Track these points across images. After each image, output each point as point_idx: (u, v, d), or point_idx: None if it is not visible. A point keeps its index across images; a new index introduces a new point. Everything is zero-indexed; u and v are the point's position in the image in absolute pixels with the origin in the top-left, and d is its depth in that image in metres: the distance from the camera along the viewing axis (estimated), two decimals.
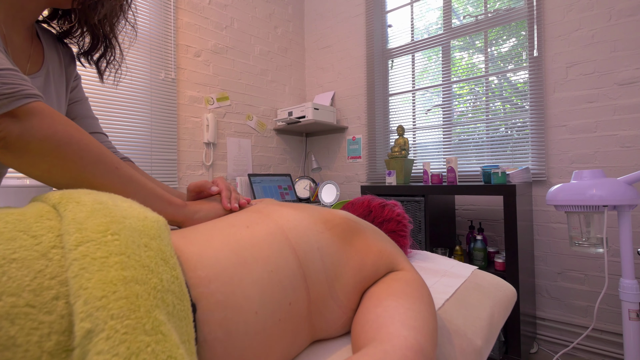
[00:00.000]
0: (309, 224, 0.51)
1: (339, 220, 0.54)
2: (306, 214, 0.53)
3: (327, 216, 0.54)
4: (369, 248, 0.54)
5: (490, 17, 2.11)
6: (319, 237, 0.49)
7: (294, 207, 0.56)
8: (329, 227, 0.52)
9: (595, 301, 1.75)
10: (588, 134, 1.78)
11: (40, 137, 0.41)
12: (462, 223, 2.19)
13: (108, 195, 0.38)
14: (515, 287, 1.54)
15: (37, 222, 0.31)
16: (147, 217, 0.36)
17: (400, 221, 0.82)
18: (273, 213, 0.52)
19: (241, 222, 0.49)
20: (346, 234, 0.53)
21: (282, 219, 0.50)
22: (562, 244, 1.85)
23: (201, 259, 0.40)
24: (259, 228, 0.47)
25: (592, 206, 1.16)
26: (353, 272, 0.50)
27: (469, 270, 0.78)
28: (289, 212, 0.53)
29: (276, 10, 2.83)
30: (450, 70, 2.29)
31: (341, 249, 0.51)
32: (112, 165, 0.47)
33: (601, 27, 1.74)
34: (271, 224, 0.49)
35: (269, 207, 0.55)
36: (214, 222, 0.50)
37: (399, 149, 2.18)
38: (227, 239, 0.44)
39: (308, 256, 0.47)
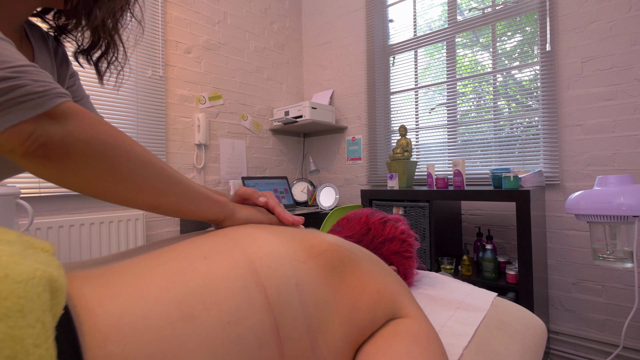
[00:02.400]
0: (286, 251, 0.38)
1: (326, 247, 0.42)
2: (284, 237, 0.41)
3: (311, 241, 0.42)
4: (364, 286, 0.41)
5: (498, 10, 1.98)
6: (298, 269, 0.37)
7: (272, 229, 0.44)
8: (312, 255, 0.40)
9: (614, 315, 1.62)
10: (606, 134, 1.65)
11: (85, 140, 0.36)
12: (468, 229, 2.06)
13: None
14: (530, 301, 1.41)
15: None
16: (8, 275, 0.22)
17: (404, 240, 0.69)
18: (243, 237, 0.40)
19: (198, 251, 0.36)
20: (335, 265, 0.41)
21: (253, 246, 0.38)
22: (577, 253, 1.72)
23: (119, 323, 0.27)
24: (220, 260, 0.35)
25: (620, 216, 1.03)
26: (343, 318, 0.38)
27: (488, 299, 0.65)
28: (263, 236, 0.40)
29: (272, 4, 2.70)
30: (456, 67, 2.16)
31: (327, 286, 0.38)
32: (159, 165, 0.42)
33: (620, 18, 1.60)
34: (237, 253, 0.36)
35: (241, 230, 0.43)
36: (166, 250, 0.37)
37: (401, 150, 2.05)
38: (171, 281, 0.31)
39: (282, 296, 0.34)
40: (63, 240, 1.57)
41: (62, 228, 1.57)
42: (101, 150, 0.37)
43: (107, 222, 1.71)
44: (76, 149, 0.35)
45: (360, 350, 0.37)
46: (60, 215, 1.62)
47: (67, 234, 1.58)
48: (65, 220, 1.58)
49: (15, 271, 0.23)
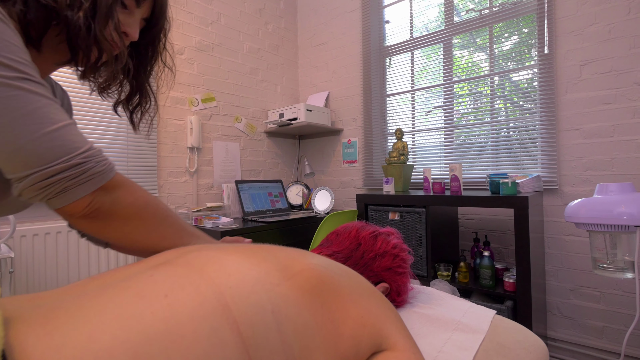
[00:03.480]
0: (257, 274, 0.34)
1: (302, 266, 0.38)
2: (256, 258, 0.37)
3: (286, 261, 0.38)
4: (346, 311, 0.37)
5: (495, 12, 1.95)
6: (273, 293, 0.33)
7: (240, 250, 0.39)
8: (287, 275, 0.36)
9: (612, 322, 1.60)
10: (604, 139, 1.62)
11: (126, 205, 0.47)
12: (465, 233, 2.03)
13: None
14: (528, 310, 1.38)
15: None
16: None
17: (397, 255, 0.66)
18: (208, 265, 0.35)
19: (158, 287, 0.32)
20: (313, 285, 0.37)
21: (221, 275, 0.34)
22: (575, 259, 1.69)
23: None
24: (183, 297, 0.31)
25: (621, 226, 1.00)
26: (326, 346, 0.34)
27: (486, 319, 0.62)
28: (232, 259, 0.36)
29: (267, 5, 2.66)
30: (452, 69, 2.13)
31: (307, 309, 0.34)
32: (174, 218, 0.55)
33: (619, 21, 1.58)
34: (203, 286, 0.32)
35: (204, 254, 0.38)
36: (120, 287, 0.32)
37: (397, 153, 2.02)
38: (126, 328, 0.27)
39: (257, 330, 0.30)
40: (50, 247, 1.52)
41: (49, 235, 1.52)
42: (137, 212, 0.48)
43: None
44: (120, 212, 0.46)
45: None
46: (43, 222, 1.57)
47: (53, 240, 1.53)
48: (50, 228, 1.53)
49: None
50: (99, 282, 0.37)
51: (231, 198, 2.18)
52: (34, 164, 0.38)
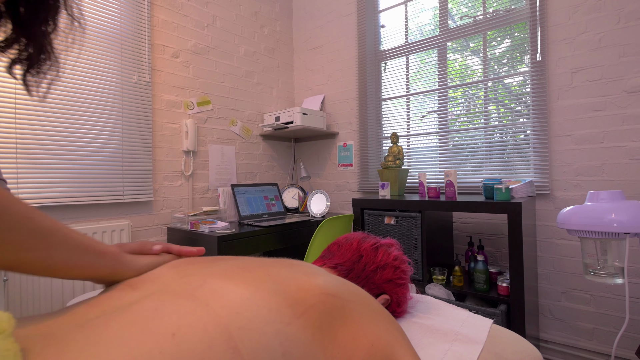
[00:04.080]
0: (268, 312, 0.34)
1: (314, 300, 0.38)
2: (264, 291, 0.36)
3: (296, 295, 0.38)
4: (357, 341, 0.38)
5: (489, 18, 1.98)
6: (284, 335, 0.33)
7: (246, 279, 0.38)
8: (299, 313, 0.36)
9: (602, 324, 1.64)
10: (594, 145, 1.66)
11: None
12: (459, 237, 2.06)
13: None
14: (521, 313, 1.41)
15: None
16: None
17: (397, 266, 0.67)
18: (213, 298, 0.35)
19: (164, 323, 0.32)
20: (324, 320, 0.37)
21: (228, 310, 0.33)
22: (566, 262, 1.73)
23: None
24: (191, 335, 0.31)
25: (612, 233, 1.03)
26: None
27: (484, 329, 0.64)
28: (238, 293, 0.36)
29: (262, 8, 2.66)
30: (447, 74, 2.16)
31: (317, 346, 0.35)
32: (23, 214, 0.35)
33: (609, 30, 1.62)
34: (211, 325, 0.32)
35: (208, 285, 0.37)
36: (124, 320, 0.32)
37: (392, 158, 2.04)
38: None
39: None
40: None
41: None
42: None
43: (90, 233, 1.65)
44: None
45: None
46: None
47: None
48: None
49: None
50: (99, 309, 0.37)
51: (227, 202, 2.18)
52: None
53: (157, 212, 1.98)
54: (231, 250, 1.73)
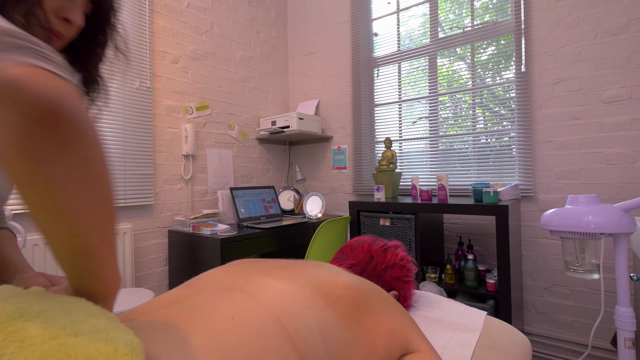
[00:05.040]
0: (305, 300, 0.42)
1: (341, 293, 0.46)
2: (300, 285, 0.45)
3: (325, 288, 0.46)
4: (378, 327, 0.46)
5: (477, 30, 2.09)
6: (319, 317, 0.41)
7: (284, 275, 0.47)
8: (330, 301, 0.44)
9: (580, 316, 1.76)
10: (574, 151, 1.79)
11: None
12: (450, 237, 2.16)
13: (65, 309, 0.29)
14: (508, 308, 1.52)
15: None
16: (117, 349, 0.26)
17: (404, 266, 0.76)
18: (259, 291, 0.42)
19: (223, 311, 0.39)
20: (351, 309, 0.45)
21: (273, 300, 0.41)
22: (548, 259, 1.85)
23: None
24: (247, 319, 0.38)
25: (589, 233, 1.14)
26: (363, 358, 0.43)
27: (479, 319, 0.73)
28: (279, 286, 0.43)
29: (258, 14, 2.72)
30: (437, 82, 2.27)
31: (347, 329, 0.43)
32: None
33: (587, 44, 1.75)
34: (261, 309, 0.39)
35: (252, 281, 0.45)
36: (190, 312, 0.39)
37: (386, 162, 2.13)
38: (210, 338, 0.35)
39: (311, 347, 0.38)
40: (49, 257, 1.54)
41: None
42: None
43: None
44: None
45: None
46: None
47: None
48: None
49: (121, 344, 0.27)
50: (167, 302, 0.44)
51: (226, 204, 2.23)
52: None
53: (157, 215, 2.02)
54: (233, 252, 1.79)
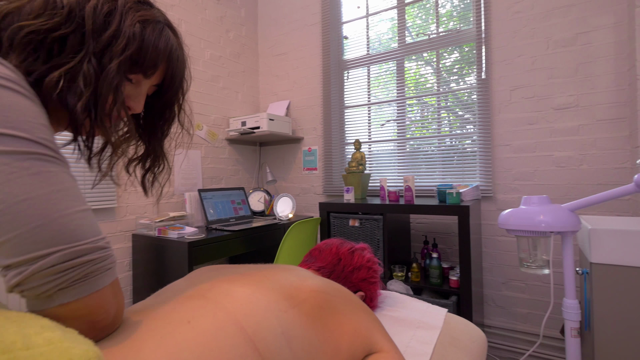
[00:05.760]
0: (268, 303, 0.43)
1: (306, 295, 0.48)
2: (264, 289, 0.45)
3: (291, 291, 0.47)
4: (343, 327, 0.48)
5: (441, 37, 2.18)
6: (282, 319, 0.42)
7: (249, 281, 0.47)
8: (294, 304, 0.45)
9: (534, 308, 1.89)
10: (528, 154, 1.91)
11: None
12: (416, 236, 2.24)
13: (18, 325, 0.28)
14: (469, 303, 1.60)
15: None
16: (71, 359, 0.27)
17: (370, 267, 0.78)
18: (221, 297, 0.43)
19: (180, 315, 0.39)
20: (315, 311, 0.47)
21: (235, 304, 0.41)
22: (506, 256, 1.97)
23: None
24: (204, 322, 0.38)
25: (540, 231, 1.22)
26: (328, 358, 0.44)
27: (440, 317, 0.77)
28: (241, 291, 0.44)
29: (228, 12, 2.67)
30: (404, 86, 2.34)
31: (311, 331, 0.44)
32: None
33: (540, 55, 1.87)
34: (220, 314, 0.40)
35: (216, 287, 0.45)
36: (148, 319, 0.40)
37: (356, 164, 2.17)
38: (164, 344, 0.35)
39: (272, 348, 0.39)
40: None
41: None
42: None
43: None
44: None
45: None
46: None
47: None
48: None
49: (76, 355, 0.27)
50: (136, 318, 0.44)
51: (194, 207, 2.18)
52: (62, 240, 0.34)
53: (120, 219, 1.94)
54: (201, 255, 1.76)
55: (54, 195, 0.35)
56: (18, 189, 0.33)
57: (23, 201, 0.33)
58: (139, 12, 0.49)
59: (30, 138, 0.35)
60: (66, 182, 0.37)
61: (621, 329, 1.19)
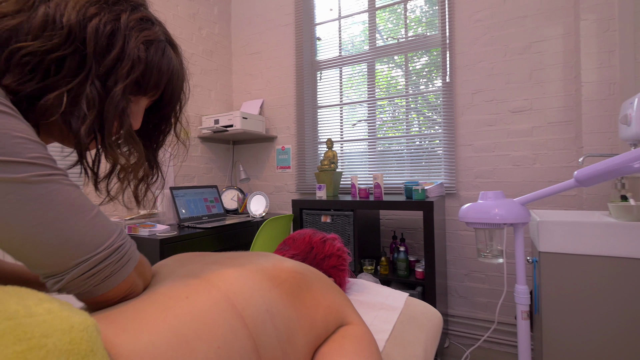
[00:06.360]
0: (254, 283, 0.48)
1: (286, 275, 0.53)
2: (250, 271, 0.51)
3: (272, 272, 0.53)
4: (318, 303, 0.53)
5: (410, 41, 2.29)
6: (267, 297, 0.48)
7: (235, 264, 0.53)
8: (276, 283, 0.51)
9: (493, 297, 2.03)
10: (488, 153, 2.05)
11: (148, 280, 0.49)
12: (385, 232, 2.34)
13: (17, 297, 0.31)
14: (433, 293, 1.70)
15: None
16: (72, 326, 0.30)
17: (340, 255, 0.84)
18: (213, 276, 0.48)
19: (178, 292, 0.44)
20: (294, 289, 0.52)
21: (225, 283, 0.47)
22: (467, 249, 2.10)
23: (135, 348, 0.35)
24: (200, 298, 0.43)
25: (495, 224, 1.33)
26: (305, 331, 0.49)
27: (402, 299, 0.84)
28: (232, 273, 0.49)
29: (200, 9, 2.66)
30: (375, 87, 2.43)
31: (291, 307, 0.49)
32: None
33: (499, 61, 2.01)
34: (214, 291, 0.45)
35: (207, 269, 0.51)
36: (148, 294, 0.44)
37: (328, 162, 2.23)
38: (164, 316, 0.40)
39: (258, 322, 0.44)
40: None
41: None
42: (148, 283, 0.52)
43: None
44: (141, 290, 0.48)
45: (317, 352, 0.50)
46: None
47: None
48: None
49: (76, 324, 0.30)
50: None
51: (165, 204, 2.16)
52: (81, 253, 0.38)
53: None
54: (173, 253, 1.75)
55: (63, 215, 0.37)
56: (27, 215, 0.35)
57: (36, 226, 0.36)
58: (143, 32, 0.48)
59: (22, 160, 0.35)
60: (70, 196, 0.39)
61: (566, 311, 1.32)
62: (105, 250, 0.40)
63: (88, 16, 0.43)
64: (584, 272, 1.30)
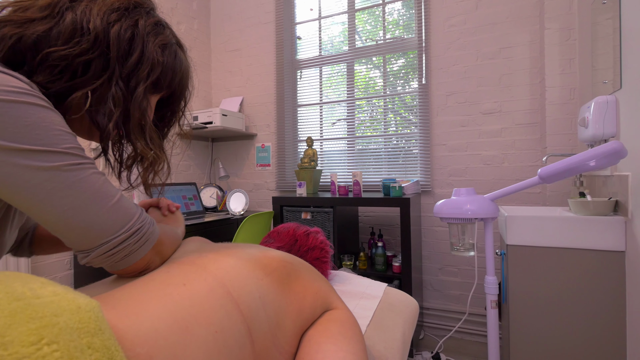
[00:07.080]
0: (247, 272, 0.51)
1: (277, 264, 0.56)
2: (243, 260, 0.53)
3: (264, 260, 0.55)
4: (305, 290, 0.57)
5: (388, 43, 2.36)
6: (259, 285, 0.50)
7: (230, 253, 0.55)
8: (267, 272, 0.53)
9: (464, 290, 2.14)
10: (461, 153, 2.15)
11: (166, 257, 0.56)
12: (364, 228, 2.40)
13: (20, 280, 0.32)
14: (409, 286, 1.78)
15: None
16: (80, 307, 0.32)
17: (323, 248, 0.88)
18: (209, 264, 0.50)
19: (176, 279, 0.46)
20: (284, 278, 0.55)
21: (221, 271, 0.49)
22: (441, 244, 2.19)
23: (139, 333, 0.37)
24: (197, 285, 0.46)
25: (467, 218, 1.41)
26: (293, 317, 0.53)
27: (381, 289, 0.88)
28: (227, 261, 0.52)
29: (179, 4, 2.62)
30: (354, 87, 2.49)
31: (281, 295, 0.52)
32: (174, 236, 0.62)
33: (471, 65, 2.11)
34: (210, 278, 0.47)
35: (203, 256, 0.53)
36: (145, 280, 0.46)
37: (308, 160, 2.27)
38: (163, 302, 0.42)
39: (251, 308, 0.47)
40: None
41: None
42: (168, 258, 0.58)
43: None
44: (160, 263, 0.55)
45: (305, 335, 0.53)
46: None
47: None
48: None
49: (82, 305, 0.32)
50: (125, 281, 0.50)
51: None
52: (104, 235, 0.44)
53: None
54: None
55: (91, 201, 0.43)
56: (60, 201, 0.41)
57: (67, 210, 0.41)
58: (158, 37, 0.54)
59: (58, 150, 0.40)
60: (96, 182, 0.43)
61: (532, 299, 1.41)
62: (125, 233, 0.46)
63: (110, 22, 0.48)
64: (547, 263, 1.40)
